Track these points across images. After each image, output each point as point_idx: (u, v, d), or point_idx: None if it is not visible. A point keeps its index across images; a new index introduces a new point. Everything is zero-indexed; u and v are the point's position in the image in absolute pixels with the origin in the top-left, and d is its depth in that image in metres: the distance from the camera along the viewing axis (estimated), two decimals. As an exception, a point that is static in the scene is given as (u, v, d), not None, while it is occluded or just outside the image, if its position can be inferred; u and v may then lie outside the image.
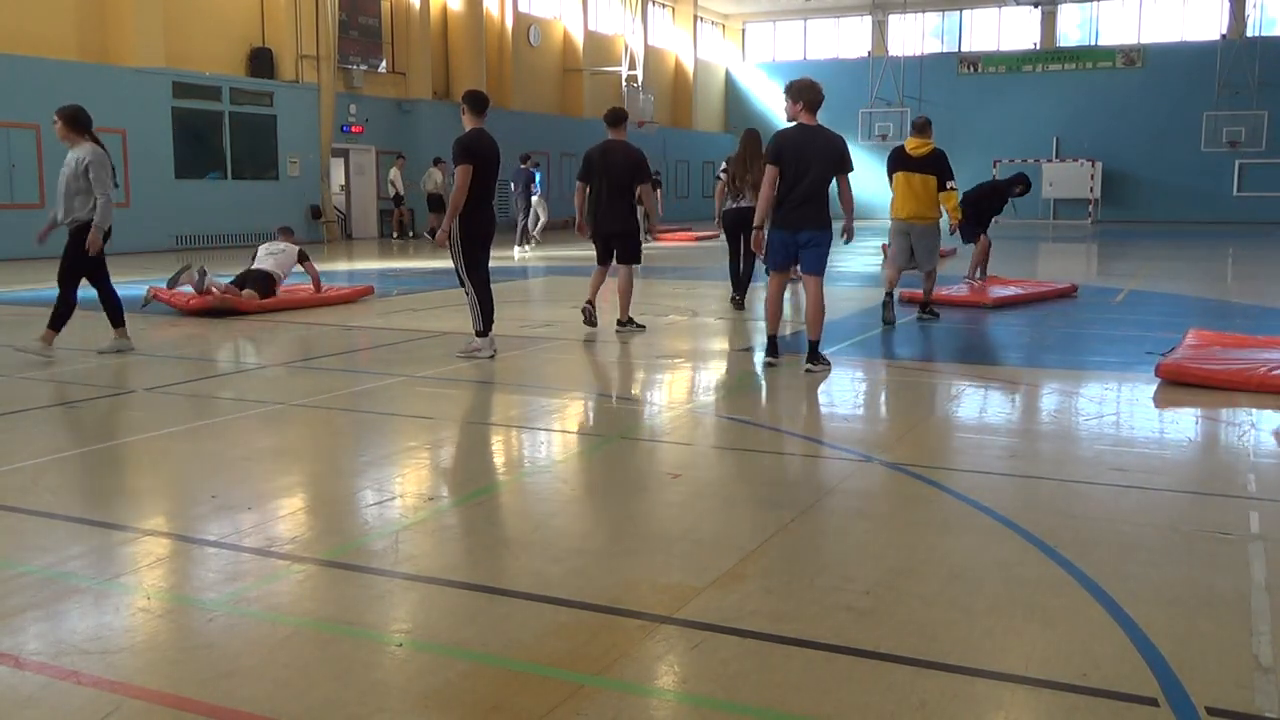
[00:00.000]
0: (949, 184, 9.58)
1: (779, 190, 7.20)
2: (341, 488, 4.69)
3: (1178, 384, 6.66)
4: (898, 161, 9.70)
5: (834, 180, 7.29)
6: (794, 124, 7.27)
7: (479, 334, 7.88)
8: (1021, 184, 12.65)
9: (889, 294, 9.64)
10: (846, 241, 7.57)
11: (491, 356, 7.80)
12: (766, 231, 7.32)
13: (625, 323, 9.16)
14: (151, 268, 16.58)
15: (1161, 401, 6.42)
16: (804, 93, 7.16)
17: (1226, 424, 5.92)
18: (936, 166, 9.56)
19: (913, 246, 9.71)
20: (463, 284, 7.92)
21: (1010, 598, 3.31)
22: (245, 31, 22.69)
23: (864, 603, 3.25)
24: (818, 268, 7.32)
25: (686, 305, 11.44)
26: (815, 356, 7.30)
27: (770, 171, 7.19)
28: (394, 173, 24.56)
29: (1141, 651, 2.90)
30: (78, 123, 7.71)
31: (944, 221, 9.98)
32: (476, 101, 7.86)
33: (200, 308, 10.34)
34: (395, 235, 24.84)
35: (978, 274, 12.55)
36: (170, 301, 10.64)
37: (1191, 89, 34.91)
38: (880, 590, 3.35)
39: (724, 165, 11.30)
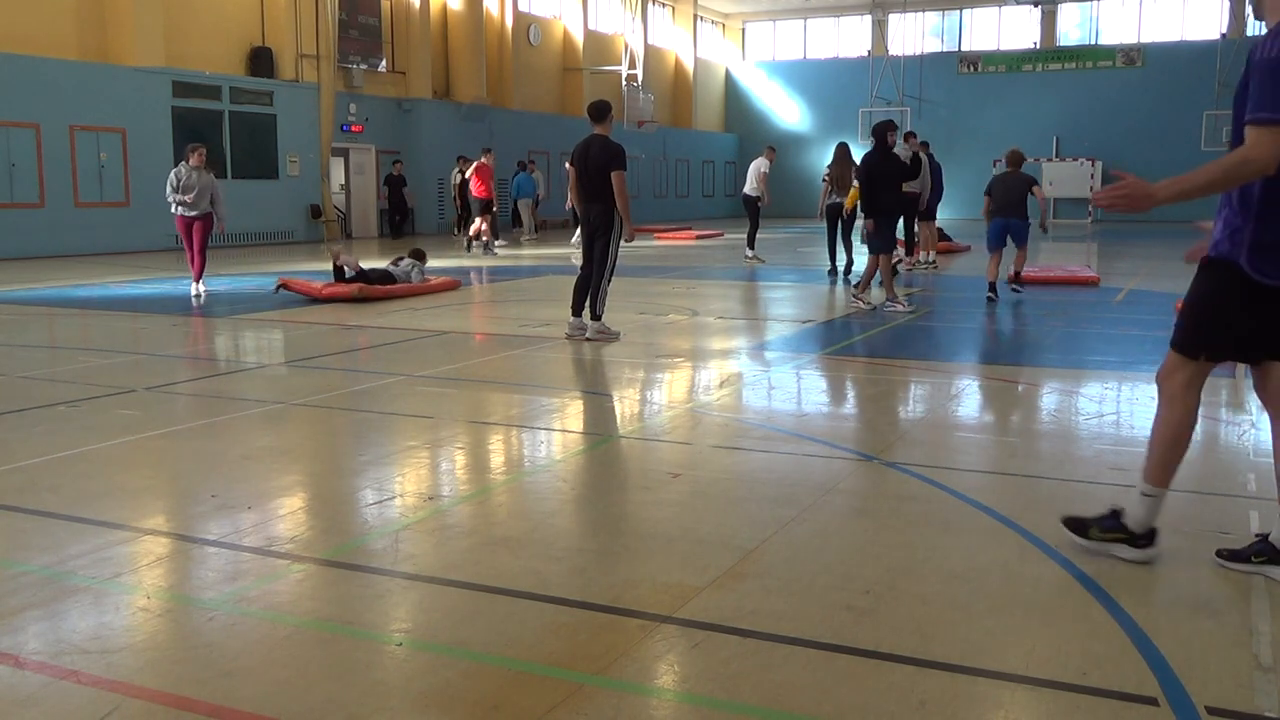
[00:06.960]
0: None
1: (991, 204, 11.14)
2: (341, 487, 4.69)
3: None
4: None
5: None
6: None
7: (599, 316, 8.75)
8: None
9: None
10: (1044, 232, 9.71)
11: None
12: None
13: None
14: (153, 266, 16.59)
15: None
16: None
17: (1226, 424, 5.93)
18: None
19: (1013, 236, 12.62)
20: (604, 275, 8.67)
21: (1010, 598, 3.31)
22: (245, 31, 22.68)
23: (864, 602, 3.25)
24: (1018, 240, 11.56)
25: (687, 305, 11.44)
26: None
27: (986, 201, 11.23)
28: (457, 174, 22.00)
29: (1141, 651, 2.90)
30: None
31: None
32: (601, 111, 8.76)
33: (332, 296, 10.62)
34: (496, 240, 20.32)
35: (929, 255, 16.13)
36: (301, 289, 10.93)
37: (1191, 88, 34.88)
38: (880, 590, 3.35)
39: (827, 170, 14.78)
